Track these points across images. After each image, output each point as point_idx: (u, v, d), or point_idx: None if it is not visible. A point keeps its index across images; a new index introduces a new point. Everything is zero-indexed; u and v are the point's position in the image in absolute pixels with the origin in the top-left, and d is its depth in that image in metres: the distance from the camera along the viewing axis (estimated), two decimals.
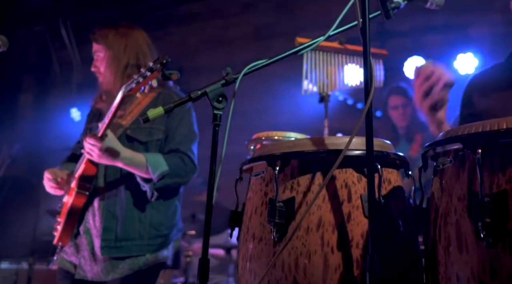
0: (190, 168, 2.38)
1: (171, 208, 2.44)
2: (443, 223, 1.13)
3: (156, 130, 2.38)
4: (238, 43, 5.66)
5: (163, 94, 2.44)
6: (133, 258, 2.30)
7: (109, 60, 2.39)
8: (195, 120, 2.51)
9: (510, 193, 1.02)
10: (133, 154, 2.25)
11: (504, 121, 1.07)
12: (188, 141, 2.42)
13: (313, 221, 1.26)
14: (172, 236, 2.46)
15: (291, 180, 1.32)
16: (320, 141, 1.34)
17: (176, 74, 1.83)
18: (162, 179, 2.28)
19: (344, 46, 2.46)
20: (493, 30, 4.34)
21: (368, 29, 1.28)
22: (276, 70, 5.48)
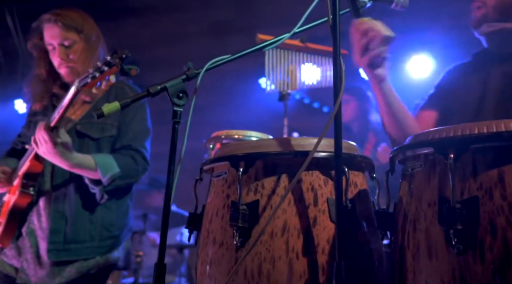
0: (142, 166, 2.28)
1: (123, 208, 2.33)
2: (412, 229, 1.10)
3: (109, 126, 2.27)
4: (194, 38, 5.54)
5: (116, 88, 2.32)
6: (82, 261, 2.17)
7: (85, 52, 2.24)
8: (149, 116, 2.41)
9: (481, 200, 1.00)
10: (81, 155, 2.13)
11: (476, 126, 1.05)
12: (141, 137, 2.32)
13: (278, 225, 1.21)
14: (123, 237, 2.35)
15: (255, 182, 1.26)
16: (285, 141, 1.28)
17: (135, 69, 1.74)
18: (112, 182, 2.17)
19: (306, 44, 2.42)
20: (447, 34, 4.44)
21: (339, 27, 1.24)
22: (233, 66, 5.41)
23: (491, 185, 1.00)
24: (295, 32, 1.60)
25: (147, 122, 2.35)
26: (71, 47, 2.26)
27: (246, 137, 1.77)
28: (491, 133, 1.02)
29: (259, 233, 1.20)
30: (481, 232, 0.99)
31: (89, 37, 2.29)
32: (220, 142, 1.78)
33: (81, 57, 2.25)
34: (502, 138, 1.01)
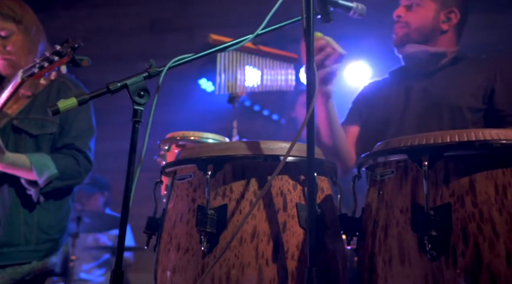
0: (84, 167, 2.16)
1: (63, 209, 2.20)
2: (384, 235, 1.11)
3: (49, 122, 2.13)
4: (131, 34, 5.37)
5: (58, 82, 2.18)
6: (16, 266, 2.02)
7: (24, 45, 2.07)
8: (93, 113, 2.29)
9: (453, 207, 1.03)
10: (16, 155, 1.98)
11: (448, 135, 1.07)
12: (85, 136, 2.20)
13: (248, 231, 1.18)
14: (62, 240, 2.22)
15: (223, 186, 1.22)
16: (254, 145, 1.25)
17: (87, 60, 1.65)
18: (50, 183, 2.04)
19: (258, 47, 2.41)
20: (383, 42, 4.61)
21: (312, 30, 1.23)
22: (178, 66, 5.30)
23: (463, 192, 1.03)
24: (258, 33, 1.58)
25: (91, 120, 2.24)
26: (8, 38, 2.10)
27: (203, 139, 1.72)
28: (463, 142, 1.05)
29: (230, 238, 1.16)
30: (453, 238, 1.01)
31: (28, 29, 2.14)
32: (176, 144, 1.72)
33: (20, 50, 2.10)
34: (474, 147, 1.05)
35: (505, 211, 1.01)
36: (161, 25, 5.36)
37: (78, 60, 1.60)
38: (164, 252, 1.27)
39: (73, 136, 2.15)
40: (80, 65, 1.60)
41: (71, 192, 2.23)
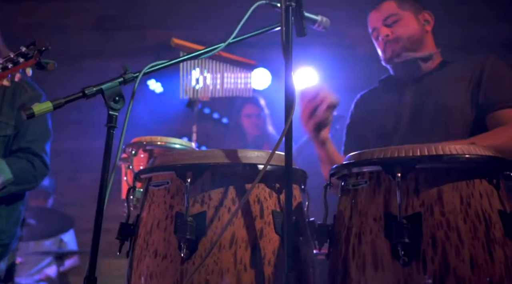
0: (40, 171, 2.10)
1: (15, 214, 2.13)
2: (357, 242, 1.17)
3: (3, 124, 2.06)
4: (77, 31, 5.21)
5: (14, 84, 2.11)
6: None
7: None
8: (49, 116, 2.23)
9: (424, 216, 1.11)
10: None
11: (418, 148, 1.15)
12: (41, 139, 2.14)
13: (226, 237, 1.21)
14: (11, 246, 2.15)
15: (201, 193, 1.24)
16: (232, 153, 1.29)
17: (53, 63, 1.61)
18: (4, 188, 1.97)
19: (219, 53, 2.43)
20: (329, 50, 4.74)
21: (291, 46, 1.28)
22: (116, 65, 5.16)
23: (432, 202, 1.12)
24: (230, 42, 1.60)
25: (47, 123, 2.18)
26: None
27: (170, 144, 1.72)
28: (433, 155, 1.14)
29: (209, 245, 1.18)
30: (423, 245, 1.09)
31: None
32: (143, 148, 1.71)
33: None
34: (442, 161, 1.13)
35: (469, 220, 1.10)
36: (109, 22, 5.24)
37: (44, 63, 1.56)
38: (140, 259, 1.27)
39: (29, 139, 2.09)
40: (46, 68, 1.56)
41: (23, 197, 2.16)
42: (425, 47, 2.01)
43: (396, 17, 2.00)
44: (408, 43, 1.97)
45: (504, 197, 1.17)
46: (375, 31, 2.04)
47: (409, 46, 1.97)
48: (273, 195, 1.28)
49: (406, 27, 1.99)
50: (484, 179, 1.15)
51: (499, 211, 1.13)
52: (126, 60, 4.85)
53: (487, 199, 1.13)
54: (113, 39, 5.08)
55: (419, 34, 2.00)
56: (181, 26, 4.92)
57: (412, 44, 1.97)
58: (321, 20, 1.77)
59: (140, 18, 5.07)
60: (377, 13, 2.04)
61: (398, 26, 2.00)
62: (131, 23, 5.08)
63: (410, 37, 1.98)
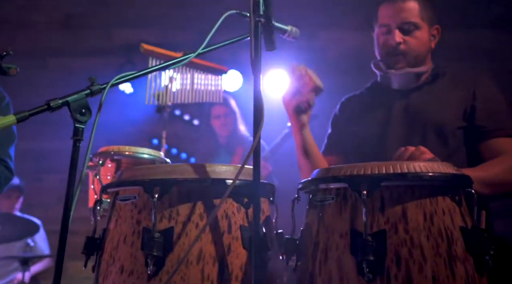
0: (4, 177, 2.05)
1: None
2: (324, 258, 1.19)
3: None
4: (43, 28, 5.09)
5: None
6: None
7: None
8: None
9: (388, 233, 1.13)
10: None
11: (384, 166, 1.18)
12: (5, 144, 2.09)
13: (194, 253, 1.20)
14: None
15: (169, 209, 1.24)
16: (200, 168, 1.28)
17: (15, 68, 1.57)
18: None
19: None
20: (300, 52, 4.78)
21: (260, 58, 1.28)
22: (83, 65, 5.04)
23: (396, 219, 1.14)
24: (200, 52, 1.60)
25: (11, 126, 2.11)
26: None
27: (138, 154, 1.70)
28: (397, 173, 1.16)
29: (176, 261, 1.18)
30: (388, 262, 1.11)
31: None
32: (111, 158, 1.68)
33: None
34: (406, 178, 1.16)
35: (432, 237, 1.13)
36: (76, 20, 5.13)
37: (5, 68, 1.52)
38: (106, 274, 1.26)
39: None
40: (7, 73, 1.53)
41: None
42: (426, 63, 1.92)
43: (415, 26, 1.86)
44: (414, 60, 1.86)
45: (466, 214, 1.20)
46: (385, 27, 1.89)
47: (413, 62, 1.86)
48: (241, 210, 1.29)
49: (419, 41, 1.87)
50: (447, 196, 1.18)
51: (461, 228, 1.17)
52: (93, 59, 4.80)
53: (449, 216, 1.16)
54: (80, 38, 4.98)
55: (426, 51, 1.91)
56: (150, 26, 4.87)
57: (416, 61, 1.87)
58: (290, 30, 1.77)
59: (108, 16, 4.99)
60: (396, 10, 1.87)
61: (413, 37, 1.86)
62: (98, 21, 4.99)
63: (419, 53, 1.87)
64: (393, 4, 1.89)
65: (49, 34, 5.08)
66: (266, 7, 1.32)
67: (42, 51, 5.03)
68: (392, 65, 1.89)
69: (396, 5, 1.88)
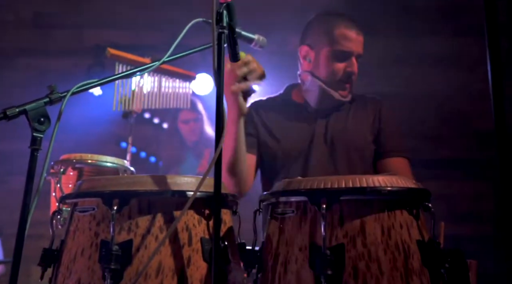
0: None
1: None
2: (283, 271, 1.19)
3: None
4: (11, 26, 4.98)
5: None
6: None
7: None
8: None
9: (346, 247, 1.14)
10: None
11: (343, 179, 1.18)
12: None
13: (152, 266, 1.19)
14: None
15: (128, 221, 1.22)
16: (161, 179, 1.27)
17: None
18: None
19: None
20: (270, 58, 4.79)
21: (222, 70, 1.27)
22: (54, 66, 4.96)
23: (355, 233, 1.15)
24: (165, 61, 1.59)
25: None
26: None
27: (101, 162, 1.68)
28: (356, 187, 1.17)
29: (134, 275, 1.16)
30: (346, 276, 1.12)
31: None
32: (72, 166, 1.66)
33: None
34: (365, 192, 1.17)
35: (389, 251, 1.14)
36: (46, 20, 5.04)
37: None
38: None
39: None
40: None
41: None
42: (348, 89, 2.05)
43: (360, 54, 2.01)
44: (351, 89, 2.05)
45: (423, 227, 1.22)
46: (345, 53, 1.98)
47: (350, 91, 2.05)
48: (202, 222, 1.28)
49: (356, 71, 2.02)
50: (404, 210, 1.19)
51: (418, 241, 1.18)
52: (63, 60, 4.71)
53: (407, 230, 1.18)
54: (50, 37, 4.89)
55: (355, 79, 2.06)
56: (121, 27, 4.81)
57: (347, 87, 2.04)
58: (257, 39, 1.78)
59: (79, 16, 4.91)
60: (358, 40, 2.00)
61: (357, 68, 2.01)
62: (69, 21, 4.91)
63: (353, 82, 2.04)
64: (355, 33, 2.00)
65: (18, 33, 4.98)
66: (230, 19, 1.32)
67: (12, 50, 4.93)
68: (335, 89, 2.00)
69: (357, 36, 2.00)
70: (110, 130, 4.43)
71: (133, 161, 4.53)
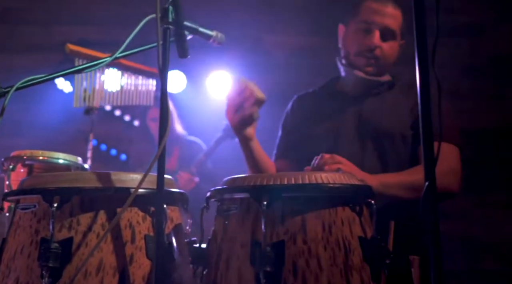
0: None
1: None
2: (226, 268, 1.19)
3: None
4: None
5: None
6: None
7: None
8: None
9: (287, 244, 1.14)
10: None
11: (286, 177, 1.19)
12: None
13: (93, 264, 1.18)
14: None
15: (70, 218, 1.21)
16: (105, 176, 1.26)
17: None
18: None
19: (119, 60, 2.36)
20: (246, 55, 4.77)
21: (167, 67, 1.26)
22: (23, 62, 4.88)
23: (296, 230, 1.15)
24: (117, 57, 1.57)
25: None
26: None
27: (53, 159, 1.65)
28: (298, 184, 1.17)
29: (74, 273, 1.15)
30: (285, 273, 1.12)
31: None
32: (22, 163, 1.63)
33: None
34: (306, 189, 1.17)
35: (329, 247, 1.15)
36: (15, 15, 4.95)
37: None
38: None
39: None
40: None
41: None
42: (387, 73, 1.93)
43: (393, 36, 1.84)
44: (381, 68, 1.87)
45: (366, 223, 1.23)
46: (366, 25, 1.84)
47: (380, 70, 1.87)
48: (147, 219, 1.27)
49: (392, 50, 1.86)
50: (347, 207, 1.20)
51: (359, 238, 1.19)
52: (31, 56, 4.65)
53: (348, 226, 1.18)
54: (18, 33, 4.80)
55: (393, 62, 1.90)
56: (92, 23, 4.75)
57: (382, 69, 1.88)
58: (215, 36, 1.77)
59: (48, 12, 4.83)
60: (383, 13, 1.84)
61: (389, 46, 1.85)
62: (38, 17, 4.83)
63: (387, 63, 1.87)
64: (381, 5, 1.86)
65: None
66: (176, 14, 1.31)
67: None
68: (360, 66, 1.86)
69: (384, 8, 1.85)
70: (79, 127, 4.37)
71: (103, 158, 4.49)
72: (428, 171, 0.97)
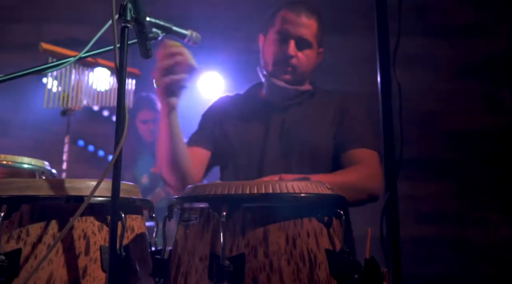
0: None
1: None
2: (183, 282, 1.12)
3: None
4: None
5: None
6: None
7: None
8: None
9: (247, 257, 1.07)
10: None
11: (248, 185, 1.11)
12: None
13: (42, 277, 1.10)
14: None
15: (18, 229, 1.13)
16: (59, 184, 1.18)
17: None
18: None
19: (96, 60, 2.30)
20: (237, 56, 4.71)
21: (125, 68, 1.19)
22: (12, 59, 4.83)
23: (257, 243, 1.08)
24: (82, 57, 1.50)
25: None
26: None
27: (17, 164, 1.58)
28: (260, 194, 1.09)
29: None
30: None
31: None
32: None
33: None
34: (269, 199, 1.10)
35: (293, 261, 1.07)
36: (5, 13, 4.88)
37: None
38: None
39: None
40: None
41: None
42: (306, 82, 1.98)
43: (308, 45, 1.89)
44: (299, 76, 1.91)
45: (335, 235, 1.15)
46: (281, 35, 1.88)
47: (297, 79, 1.91)
48: (104, 229, 1.19)
49: (308, 59, 1.91)
50: (314, 218, 1.12)
51: (326, 250, 1.11)
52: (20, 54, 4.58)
53: (314, 239, 1.11)
54: (7, 31, 4.74)
55: (310, 71, 1.94)
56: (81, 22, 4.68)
57: (300, 78, 1.93)
58: (190, 35, 1.69)
59: (38, 10, 4.77)
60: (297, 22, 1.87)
61: (304, 55, 1.89)
62: (27, 15, 4.77)
63: (304, 71, 1.91)
64: (296, 15, 1.89)
65: None
66: (137, 12, 1.24)
67: None
68: (278, 75, 1.90)
69: (299, 18, 1.88)
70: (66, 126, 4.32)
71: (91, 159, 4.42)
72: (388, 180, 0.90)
